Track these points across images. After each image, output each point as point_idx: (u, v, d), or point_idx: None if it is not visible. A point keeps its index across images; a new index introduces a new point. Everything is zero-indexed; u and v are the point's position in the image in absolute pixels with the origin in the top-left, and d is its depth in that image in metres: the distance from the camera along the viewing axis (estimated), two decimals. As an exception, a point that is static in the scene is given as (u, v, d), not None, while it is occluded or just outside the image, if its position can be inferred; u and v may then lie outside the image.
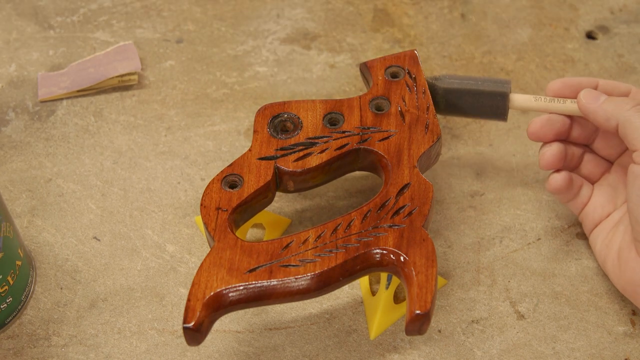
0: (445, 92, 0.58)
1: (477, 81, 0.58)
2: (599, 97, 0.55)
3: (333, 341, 0.56)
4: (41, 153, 0.66)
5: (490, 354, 0.55)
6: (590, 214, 0.58)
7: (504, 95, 0.58)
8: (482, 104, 0.58)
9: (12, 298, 0.55)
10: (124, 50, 0.72)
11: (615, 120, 0.54)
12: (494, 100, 0.58)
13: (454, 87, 0.58)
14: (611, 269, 0.55)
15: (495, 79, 0.58)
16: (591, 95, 0.55)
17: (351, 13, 0.77)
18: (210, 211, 0.53)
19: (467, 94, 0.58)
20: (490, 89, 0.58)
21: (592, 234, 0.58)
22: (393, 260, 0.51)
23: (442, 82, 0.58)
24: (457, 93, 0.58)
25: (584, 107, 0.56)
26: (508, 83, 0.58)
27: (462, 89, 0.58)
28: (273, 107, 0.57)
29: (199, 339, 0.49)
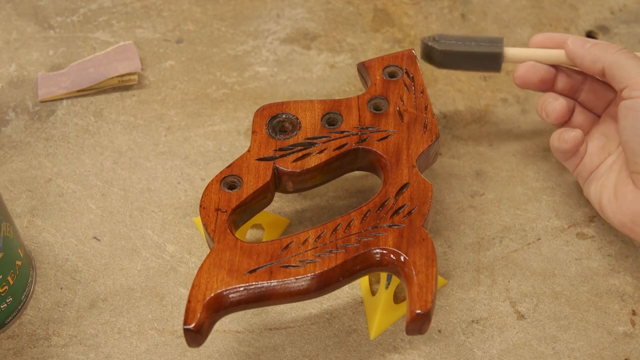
0: (443, 54, 0.61)
1: (471, 42, 0.61)
2: (586, 43, 0.58)
3: (333, 341, 0.56)
4: (41, 153, 0.66)
5: (490, 354, 0.55)
6: (587, 165, 0.59)
7: (498, 55, 0.61)
8: (477, 62, 0.61)
9: (12, 298, 0.55)
10: (124, 50, 0.72)
11: (601, 63, 0.56)
12: (489, 59, 0.61)
13: (451, 50, 0.61)
14: (607, 207, 0.56)
15: (489, 37, 0.61)
16: (578, 40, 0.58)
17: (351, 13, 0.77)
18: (210, 212, 0.53)
19: (464, 56, 0.61)
20: (485, 50, 0.61)
21: (586, 181, 0.59)
22: (393, 260, 0.51)
23: (439, 44, 0.61)
24: (453, 55, 0.61)
25: (571, 52, 0.58)
26: (501, 41, 0.61)
27: (458, 51, 0.61)
28: (271, 107, 0.57)
29: (199, 341, 0.49)
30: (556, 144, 0.59)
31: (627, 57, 0.55)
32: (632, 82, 0.54)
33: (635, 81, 0.54)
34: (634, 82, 0.54)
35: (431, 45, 0.61)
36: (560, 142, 0.59)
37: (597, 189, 0.58)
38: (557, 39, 0.60)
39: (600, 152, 0.59)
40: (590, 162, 0.59)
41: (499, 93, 0.70)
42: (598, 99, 0.60)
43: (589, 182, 0.59)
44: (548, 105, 0.60)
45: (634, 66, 0.55)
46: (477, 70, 0.63)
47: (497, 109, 0.69)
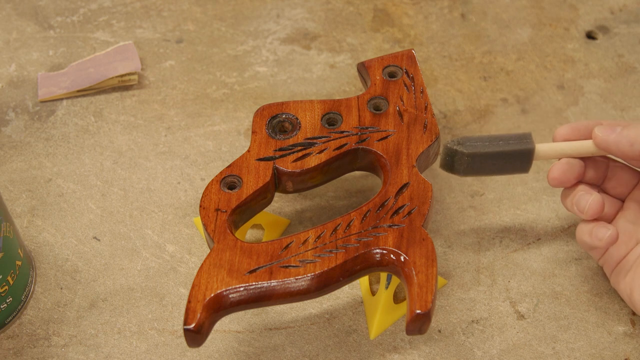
0: (470, 157, 0.55)
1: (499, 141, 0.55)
2: (616, 128, 0.54)
3: (333, 341, 0.56)
4: (41, 153, 0.66)
5: (490, 354, 0.55)
6: (614, 254, 0.56)
7: (530, 151, 0.55)
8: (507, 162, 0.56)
9: (12, 298, 0.55)
10: (124, 50, 0.72)
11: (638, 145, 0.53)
12: (520, 157, 0.56)
13: (479, 152, 0.55)
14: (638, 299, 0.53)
15: (516, 134, 0.56)
16: (607, 127, 0.54)
17: (351, 13, 0.77)
18: (210, 212, 0.53)
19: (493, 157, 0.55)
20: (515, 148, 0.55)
21: (614, 272, 0.56)
22: (393, 260, 0.51)
23: (466, 147, 0.55)
24: (481, 157, 0.55)
25: (603, 140, 0.54)
26: (530, 137, 0.56)
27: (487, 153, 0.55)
28: (271, 107, 0.57)
29: (199, 341, 0.49)
30: (587, 239, 0.55)
31: None
32: None
33: None
34: None
35: (457, 149, 0.55)
36: (593, 239, 0.54)
37: (627, 281, 0.54)
38: (582, 129, 0.57)
39: (628, 241, 0.55)
40: (617, 251, 0.55)
41: (499, 93, 0.70)
42: (621, 185, 0.57)
43: (617, 273, 0.56)
44: (582, 201, 0.55)
45: None
46: (504, 172, 0.57)
47: (497, 109, 0.69)
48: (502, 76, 0.72)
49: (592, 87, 0.71)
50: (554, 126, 0.68)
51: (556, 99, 0.70)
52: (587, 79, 0.71)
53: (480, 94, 0.70)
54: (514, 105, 0.70)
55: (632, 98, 0.70)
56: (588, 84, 0.71)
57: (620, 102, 0.70)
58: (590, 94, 0.70)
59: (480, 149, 0.55)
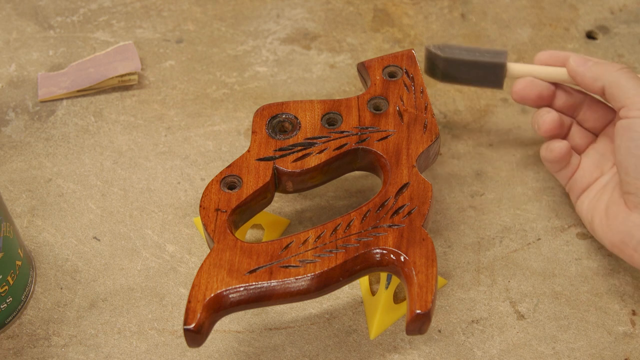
0: (446, 61, 0.61)
1: (475, 52, 0.61)
2: (588, 61, 0.58)
3: (333, 341, 0.56)
4: (41, 153, 0.66)
5: (490, 354, 0.55)
6: (579, 181, 0.59)
7: (501, 65, 0.60)
8: (480, 74, 0.61)
9: (12, 298, 0.55)
10: (124, 50, 0.72)
11: (601, 82, 0.56)
12: (492, 71, 0.61)
13: (455, 57, 0.61)
14: (599, 226, 0.56)
15: (493, 49, 0.61)
16: (580, 59, 0.58)
17: (351, 13, 0.77)
18: (210, 212, 0.53)
19: (467, 65, 0.61)
20: (488, 59, 0.60)
21: (579, 199, 0.59)
22: (393, 260, 0.51)
23: (443, 52, 0.61)
24: (457, 63, 0.61)
25: (572, 69, 0.58)
26: (505, 53, 0.61)
27: (462, 60, 0.61)
28: (271, 107, 0.57)
29: (199, 341, 0.49)
30: (543, 153, 0.60)
31: (627, 77, 0.55)
32: (630, 102, 0.54)
33: (632, 101, 0.54)
34: (632, 102, 0.54)
35: (435, 53, 0.61)
36: (547, 152, 0.60)
37: (589, 208, 0.58)
38: (561, 57, 0.60)
39: (594, 170, 0.59)
40: (582, 177, 0.59)
41: (499, 93, 0.70)
42: (596, 119, 0.61)
43: (581, 200, 0.59)
44: (540, 118, 0.60)
45: (633, 86, 0.55)
46: (479, 84, 0.62)
47: (497, 109, 0.69)
48: (502, 76, 0.72)
49: (592, 87, 0.71)
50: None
51: (556, 99, 0.70)
52: (587, 79, 0.71)
53: (480, 94, 0.70)
54: (514, 105, 0.70)
55: (632, 98, 0.70)
56: (588, 84, 0.71)
57: (620, 102, 0.70)
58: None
59: (456, 55, 0.61)
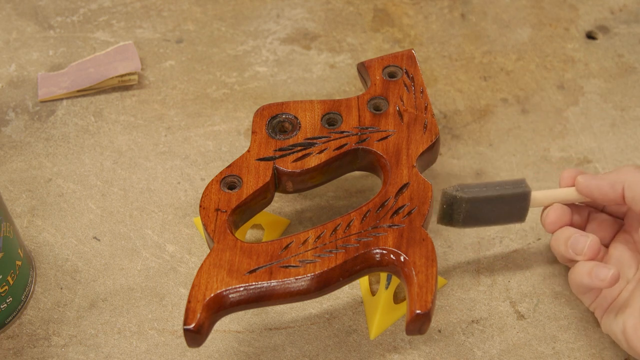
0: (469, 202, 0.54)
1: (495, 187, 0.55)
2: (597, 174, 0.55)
3: (333, 341, 0.56)
4: (41, 153, 0.66)
5: (490, 354, 0.55)
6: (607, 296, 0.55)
7: (526, 194, 0.55)
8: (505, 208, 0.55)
9: (12, 298, 0.55)
10: (124, 50, 0.72)
11: (620, 184, 0.53)
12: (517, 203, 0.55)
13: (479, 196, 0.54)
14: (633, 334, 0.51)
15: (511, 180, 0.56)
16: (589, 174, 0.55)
17: (351, 13, 0.77)
18: (210, 212, 0.53)
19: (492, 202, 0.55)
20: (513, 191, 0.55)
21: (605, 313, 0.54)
22: (393, 260, 0.51)
23: (465, 192, 0.54)
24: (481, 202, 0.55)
25: (586, 186, 0.55)
26: (524, 182, 0.56)
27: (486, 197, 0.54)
28: (271, 107, 0.57)
29: (199, 341, 0.49)
30: (586, 280, 0.53)
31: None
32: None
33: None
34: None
35: (456, 195, 0.54)
36: (594, 280, 0.52)
37: (619, 320, 0.52)
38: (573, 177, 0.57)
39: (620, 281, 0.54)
40: (610, 292, 0.54)
41: (499, 93, 0.70)
42: (603, 230, 0.57)
43: (608, 314, 0.54)
44: (580, 244, 0.54)
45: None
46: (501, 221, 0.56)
47: (497, 109, 0.69)
48: (502, 76, 0.72)
49: (592, 87, 0.71)
50: (554, 126, 0.68)
51: (556, 99, 0.70)
52: (587, 79, 0.71)
53: (480, 94, 0.70)
54: (514, 105, 0.70)
55: (632, 98, 0.70)
56: (588, 84, 0.71)
57: (620, 102, 0.70)
58: (590, 94, 0.70)
59: (478, 193, 0.54)
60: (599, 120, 0.68)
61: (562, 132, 0.68)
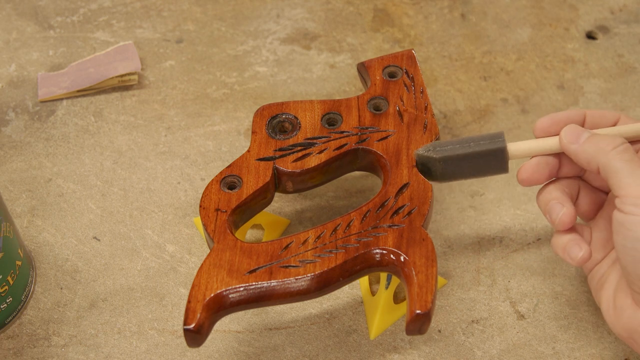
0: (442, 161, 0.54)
1: (470, 143, 0.54)
2: (581, 136, 0.51)
3: (333, 341, 0.56)
4: (41, 153, 0.66)
5: (490, 354, 0.55)
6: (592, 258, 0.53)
7: (502, 150, 0.54)
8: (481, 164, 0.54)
9: (12, 298, 0.55)
10: (124, 50, 0.72)
11: (596, 164, 0.50)
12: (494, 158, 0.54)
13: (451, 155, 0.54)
14: (606, 311, 0.51)
15: (488, 135, 0.55)
16: (573, 133, 0.52)
17: (351, 13, 0.77)
18: (210, 212, 0.53)
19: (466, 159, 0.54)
20: (487, 147, 0.54)
21: (590, 274, 0.54)
22: (393, 260, 0.51)
23: (436, 152, 0.54)
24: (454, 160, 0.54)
25: (565, 148, 0.52)
26: (501, 136, 0.54)
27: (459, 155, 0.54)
28: (271, 107, 0.57)
29: (199, 341, 0.49)
30: (560, 254, 0.53)
31: (622, 160, 0.48)
32: (625, 194, 0.47)
33: (627, 193, 0.47)
34: (627, 194, 0.47)
35: (427, 155, 0.54)
36: (566, 257, 0.52)
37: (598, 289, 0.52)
38: (562, 122, 0.54)
39: (605, 244, 0.53)
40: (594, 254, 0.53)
41: (499, 93, 0.70)
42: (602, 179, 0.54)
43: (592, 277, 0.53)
44: (554, 213, 0.52)
45: (629, 173, 0.48)
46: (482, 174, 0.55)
47: (497, 109, 0.69)
48: (502, 76, 0.72)
49: (592, 87, 0.71)
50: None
51: (556, 99, 0.70)
52: (587, 79, 0.71)
53: (480, 94, 0.70)
54: (514, 105, 0.70)
55: (632, 98, 0.70)
56: (588, 84, 0.71)
57: (620, 102, 0.70)
58: (590, 94, 0.70)
59: (450, 152, 0.54)
60: (599, 120, 0.68)
61: (562, 132, 0.68)
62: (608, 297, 0.51)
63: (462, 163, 0.54)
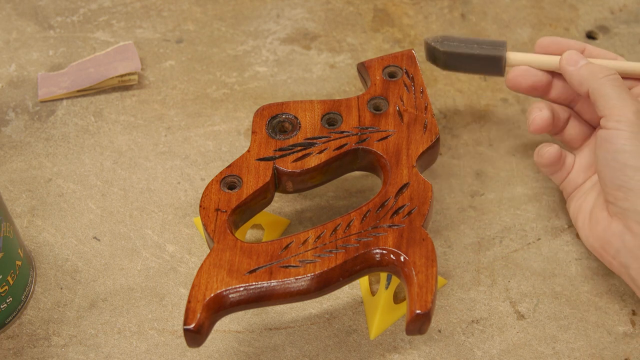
0: (445, 55, 0.61)
1: (474, 44, 0.61)
2: (579, 61, 0.57)
3: (333, 341, 0.56)
4: (41, 153, 0.66)
5: (490, 354, 0.55)
6: (572, 181, 0.58)
7: (499, 58, 0.60)
8: (480, 65, 0.61)
9: (12, 298, 0.55)
10: (124, 50, 0.72)
11: (586, 87, 0.55)
12: (492, 62, 0.61)
13: (454, 51, 0.61)
14: (582, 228, 0.56)
15: (492, 41, 0.61)
16: (572, 57, 0.57)
17: (351, 13, 0.77)
18: (210, 212, 0.53)
19: (466, 58, 0.61)
20: (487, 52, 0.61)
21: (569, 196, 0.59)
22: (393, 260, 0.51)
23: (442, 45, 0.61)
24: (456, 56, 0.61)
25: (562, 68, 0.57)
26: (503, 44, 0.61)
27: (461, 53, 0.61)
28: (271, 107, 0.57)
29: (199, 341, 0.49)
30: (535, 157, 0.59)
31: (612, 85, 0.54)
32: (609, 113, 0.53)
33: (612, 112, 0.53)
34: (611, 113, 0.53)
35: (434, 46, 0.62)
36: (538, 157, 0.59)
37: (575, 209, 0.57)
38: (562, 44, 0.59)
39: (587, 169, 0.58)
40: (575, 178, 0.58)
41: (499, 93, 0.70)
42: (594, 111, 0.59)
43: (571, 198, 0.58)
44: (531, 115, 0.59)
45: (616, 96, 0.53)
46: (480, 72, 0.62)
47: (497, 109, 0.69)
48: (502, 76, 0.72)
49: (592, 87, 0.71)
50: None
51: (556, 99, 0.70)
52: (587, 79, 0.71)
53: (480, 94, 0.70)
54: (514, 105, 0.70)
55: (632, 98, 0.70)
56: (588, 84, 0.71)
57: (620, 102, 0.70)
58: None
59: (454, 48, 0.61)
60: (599, 120, 0.68)
61: (562, 132, 0.68)
62: (585, 214, 0.56)
63: (463, 59, 0.61)
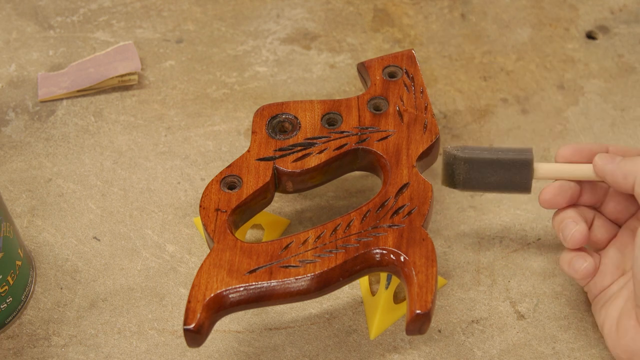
0: (467, 162, 0.55)
1: (498, 151, 0.55)
2: (615, 158, 0.54)
3: (333, 341, 0.56)
4: (41, 153, 0.66)
5: (490, 354, 0.55)
6: (599, 283, 0.54)
7: (528, 163, 0.54)
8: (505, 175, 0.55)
9: (12, 298, 0.55)
10: (124, 50, 0.72)
11: (633, 177, 0.52)
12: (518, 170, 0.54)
13: (477, 157, 0.55)
14: (608, 336, 0.52)
15: (516, 148, 0.56)
16: (607, 157, 0.54)
17: (351, 13, 0.77)
18: (210, 212, 0.53)
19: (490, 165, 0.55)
20: (513, 157, 0.55)
21: (595, 299, 0.55)
22: (393, 260, 0.51)
23: (463, 152, 0.55)
24: (479, 163, 0.55)
25: (600, 169, 0.54)
26: (530, 151, 0.55)
27: (484, 159, 0.55)
28: (271, 107, 0.57)
29: (199, 341, 0.49)
30: (565, 269, 0.55)
31: None
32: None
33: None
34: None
35: (454, 154, 0.55)
36: (570, 271, 0.54)
37: (602, 314, 0.53)
38: (585, 152, 0.56)
39: (614, 271, 0.54)
40: (602, 280, 0.54)
41: (499, 93, 0.70)
42: (620, 211, 0.56)
43: (597, 302, 0.55)
44: (567, 230, 0.54)
45: None
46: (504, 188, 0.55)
47: (497, 109, 0.69)
48: (502, 76, 0.72)
49: (592, 87, 0.71)
50: (554, 126, 0.68)
51: (556, 99, 0.70)
52: (587, 79, 0.71)
53: (480, 94, 0.70)
54: (514, 105, 0.70)
55: (632, 98, 0.70)
56: (588, 84, 0.71)
57: (620, 102, 0.70)
58: (590, 94, 0.70)
59: (477, 155, 0.54)
60: (599, 121, 0.68)
61: (562, 132, 0.68)
62: (612, 320, 0.52)
63: (486, 169, 0.54)
